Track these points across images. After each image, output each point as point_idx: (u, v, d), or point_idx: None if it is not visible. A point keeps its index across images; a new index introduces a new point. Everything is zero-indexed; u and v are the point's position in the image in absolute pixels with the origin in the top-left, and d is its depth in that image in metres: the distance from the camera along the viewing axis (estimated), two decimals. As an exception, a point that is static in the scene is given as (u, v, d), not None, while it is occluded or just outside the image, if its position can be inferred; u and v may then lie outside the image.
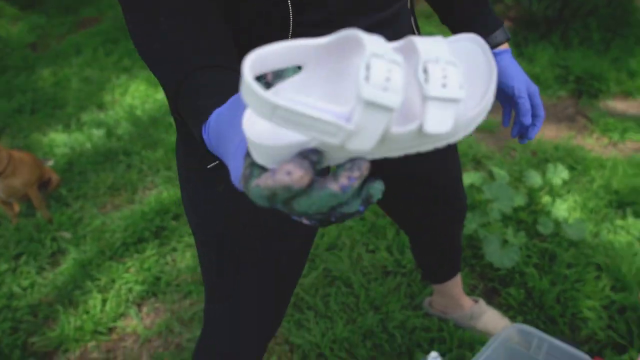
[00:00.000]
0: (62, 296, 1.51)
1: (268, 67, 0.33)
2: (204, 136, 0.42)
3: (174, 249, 1.67)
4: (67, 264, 1.62)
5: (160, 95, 2.71)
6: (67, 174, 2.09)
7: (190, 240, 1.69)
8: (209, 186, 0.71)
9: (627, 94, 2.54)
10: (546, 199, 1.71)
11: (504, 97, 0.81)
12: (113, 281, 1.55)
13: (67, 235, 1.75)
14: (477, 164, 2.01)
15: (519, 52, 2.97)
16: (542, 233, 1.55)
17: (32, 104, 2.70)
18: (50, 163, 2.05)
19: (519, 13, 3.08)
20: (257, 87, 0.29)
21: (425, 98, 0.31)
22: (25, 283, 1.57)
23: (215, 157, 0.66)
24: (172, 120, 2.43)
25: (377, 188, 0.33)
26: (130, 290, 1.52)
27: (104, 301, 1.48)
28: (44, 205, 1.83)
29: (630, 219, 1.60)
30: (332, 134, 0.29)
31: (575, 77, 2.66)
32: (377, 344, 1.26)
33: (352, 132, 0.29)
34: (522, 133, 0.80)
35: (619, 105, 2.47)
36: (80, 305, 1.47)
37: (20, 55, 3.36)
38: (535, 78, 2.69)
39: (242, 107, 0.37)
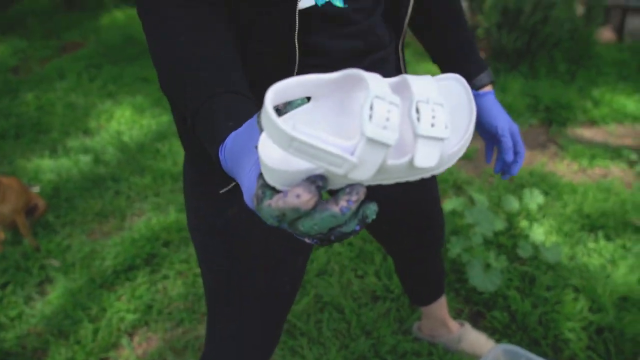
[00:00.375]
0: (51, 326, 1.50)
1: (285, 98, 0.37)
2: (220, 157, 0.46)
3: (166, 277, 1.68)
4: (56, 293, 1.61)
5: (147, 121, 2.73)
6: (54, 200, 2.07)
7: (182, 267, 1.70)
8: (220, 214, 0.75)
9: (592, 122, 2.70)
10: (524, 223, 1.81)
11: (488, 135, 0.88)
12: (104, 310, 1.55)
13: (55, 263, 1.74)
14: (458, 189, 2.10)
15: (493, 82, 3.12)
16: (522, 257, 1.64)
17: (16, 129, 2.68)
18: (37, 189, 2.04)
19: (490, 45, 3.26)
20: (278, 120, 0.33)
21: (416, 136, 0.36)
22: (12, 313, 1.55)
23: (227, 182, 0.71)
24: (159, 146, 2.45)
25: (372, 209, 0.37)
26: (122, 319, 1.52)
27: (96, 331, 1.48)
28: (30, 232, 1.82)
29: (602, 242, 1.71)
30: (338, 165, 0.34)
31: (545, 106, 2.81)
32: (371, 368, 1.30)
33: (355, 164, 0.34)
34: (505, 169, 0.86)
35: (586, 132, 2.62)
36: (70, 336, 1.46)
37: (2, 79, 3.34)
38: (508, 106, 2.83)
39: (256, 132, 0.40)
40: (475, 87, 0.86)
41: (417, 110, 0.36)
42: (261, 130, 0.38)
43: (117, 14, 4.32)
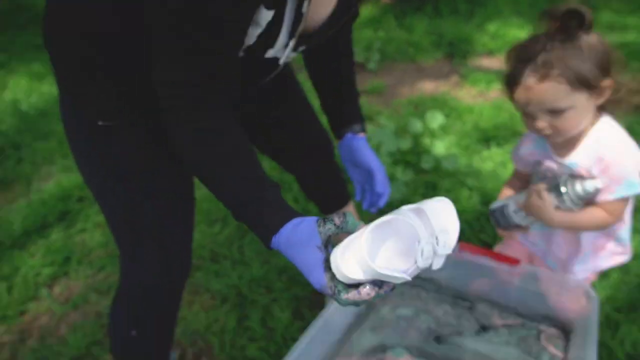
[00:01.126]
0: (-39, 291, 1.43)
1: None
2: (273, 240, 0.59)
3: (83, 230, 1.64)
4: (-39, 260, 1.53)
5: (46, 87, 2.57)
6: (-52, 173, 1.93)
7: (100, 219, 1.67)
8: (102, 143, 0.79)
9: (490, 53, 2.91)
10: (427, 141, 1.95)
11: (360, 173, 1.03)
12: (17, 269, 1.50)
13: (-43, 232, 1.64)
14: (370, 120, 2.21)
15: (399, 24, 3.25)
16: (425, 169, 1.78)
17: None
18: None
19: (395, -12, 3.36)
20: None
21: (435, 254, 0.55)
22: None
23: (108, 116, 0.74)
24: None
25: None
26: (38, 274, 1.48)
27: (10, 288, 1.44)
28: None
29: (494, 149, 1.89)
30: (397, 280, 0.54)
31: (448, 42, 2.99)
32: (291, 276, 1.39)
33: (408, 279, 0.54)
34: (373, 202, 1.02)
35: (484, 62, 2.82)
36: (-17, 297, 1.41)
37: None
38: (414, 44, 2.97)
39: (316, 234, 0.57)
40: (353, 131, 1.01)
41: (436, 238, 0.55)
42: (322, 235, 0.57)
43: (1, -18, 3.93)
